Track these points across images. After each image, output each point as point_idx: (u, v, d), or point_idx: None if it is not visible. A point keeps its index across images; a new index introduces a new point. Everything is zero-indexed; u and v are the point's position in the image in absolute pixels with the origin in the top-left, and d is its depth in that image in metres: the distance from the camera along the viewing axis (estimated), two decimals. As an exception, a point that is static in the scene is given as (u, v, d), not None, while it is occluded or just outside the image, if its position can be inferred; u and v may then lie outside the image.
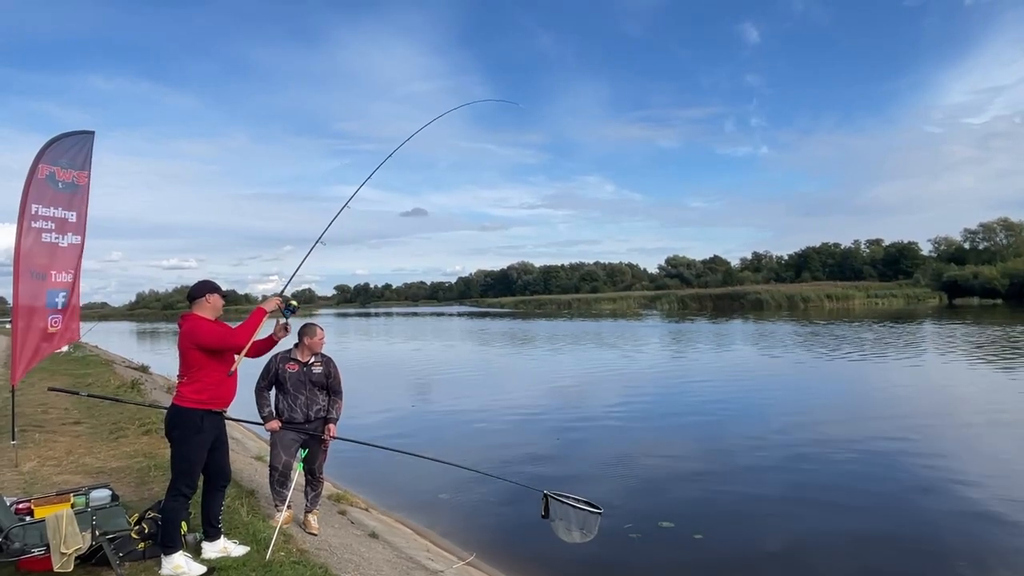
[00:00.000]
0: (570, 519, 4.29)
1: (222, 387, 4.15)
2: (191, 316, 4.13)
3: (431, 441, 10.68)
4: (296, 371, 5.03)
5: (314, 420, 5.05)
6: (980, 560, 5.65)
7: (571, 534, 4.29)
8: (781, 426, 11.17)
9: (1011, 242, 76.69)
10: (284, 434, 5.00)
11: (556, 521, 4.36)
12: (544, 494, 4.41)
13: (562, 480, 8.33)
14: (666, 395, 14.94)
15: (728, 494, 7.70)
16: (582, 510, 4.27)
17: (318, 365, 5.11)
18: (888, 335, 28.85)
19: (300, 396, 5.02)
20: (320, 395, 5.09)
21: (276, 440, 5.02)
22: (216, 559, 4.13)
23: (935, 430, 10.66)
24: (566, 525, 4.31)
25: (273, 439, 5.06)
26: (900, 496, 7.44)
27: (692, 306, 74.81)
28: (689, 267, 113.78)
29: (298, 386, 5.02)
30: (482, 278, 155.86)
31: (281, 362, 5.06)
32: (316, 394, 5.07)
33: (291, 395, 5.01)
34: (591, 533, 4.27)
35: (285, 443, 4.98)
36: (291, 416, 5.00)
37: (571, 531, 4.28)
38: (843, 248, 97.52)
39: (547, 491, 4.43)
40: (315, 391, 5.07)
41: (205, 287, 4.23)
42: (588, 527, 4.25)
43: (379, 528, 6.02)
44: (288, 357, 5.10)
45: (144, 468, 6.48)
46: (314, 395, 5.06)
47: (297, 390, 5.01)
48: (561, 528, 4.34)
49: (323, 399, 5.11)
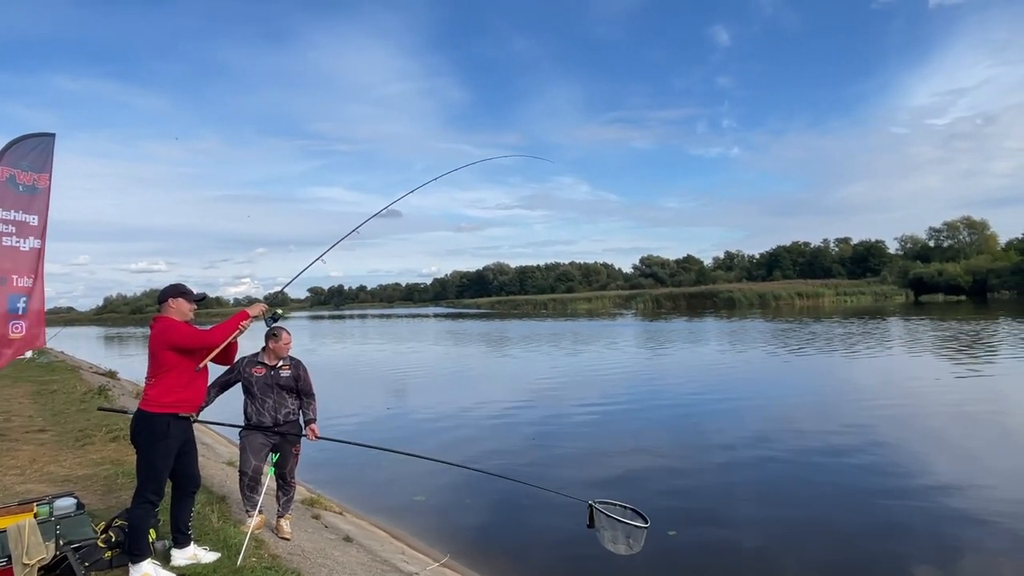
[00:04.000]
0: (616, 530, 4.23)
1: (189, 389, 4.06)
2: (163, 317, 4.06)
3: (408, 444, 10.62)
4: (263, 375, 4.97)
5: (283, 424, 4.99)
6: (945, 550, 5.81)
7: (617, 546, 4.21)
8: (753, 423, 11.35)
9: (974, 240, 78.85)
10: (253, 438, 4.93)
11: (602, 531, 4.28)
12: (589, 504, 4.34)
13: (540, 479, 8.37)
14: (640, 394, 15.06)
15: (701, 491, 7.81)
16: (628, 524, 4.20)
17: (286, 368, 5.05)
18: (856, 332, 29.46)
19: (268, 400, 4.95)
20: (289, 399, 5.03)
21: (245, 445, 4.95)
22: (186, 566, 4.07)
23: (902, 423, 10.92)
24: (612, 536, 4.24)
25: (243, 444, 4.98)
26: (869, 489, 7.59)
27: (666, 305, 75.53)
28: (663, 267, 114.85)
29: (265, 390, 4.95)
30: (458, 279, 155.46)
31: (248, 366, 5.00)
32: (284, 398, 5.01)
33: (258, 399, 4.95)
34: (638, 545, 4.19)
35: (255, 447, 4.91)
36: (259, 420, 4.93)
37: (617, 543, 4.21)
38: (813, 247, 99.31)
39: (592, 501, 4.36)
40: (283, 395, 5.00)
41: (169, 291, 4.15)
42: (635, 539, 4.18)
43: (353, 532, 5.98)
44: (255, 361, 5.03)
45: (111, 475, 6.35)
46: (282, 399, 4.99)
47: (264, 394, 4.95)
48: (607, 539, 4.26)
49: (292, 403, 5.05)
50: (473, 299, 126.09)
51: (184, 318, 4.13)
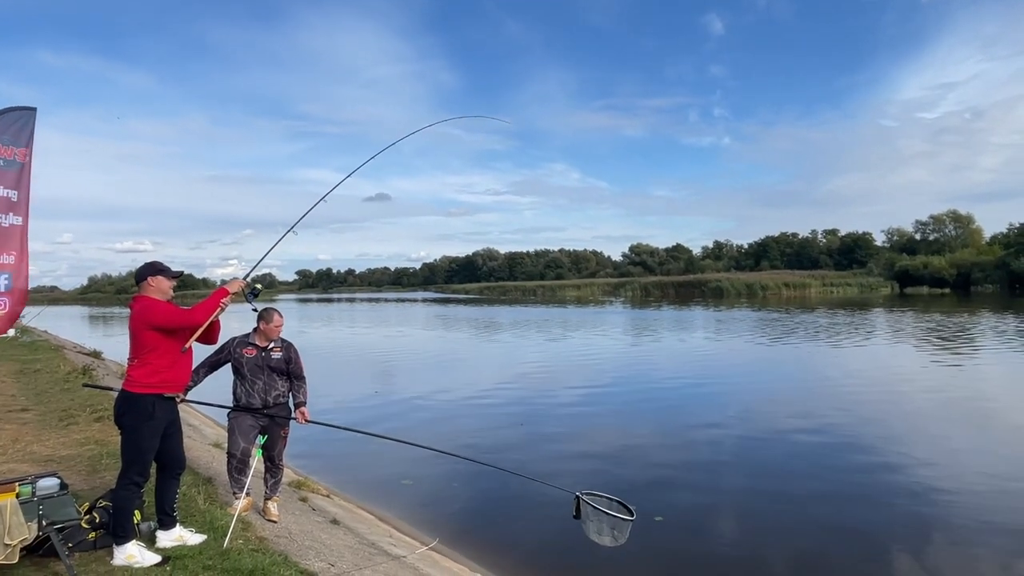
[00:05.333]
0: (602, 522, 4.20)
1: (174, 369, 4.00)
2: (143, 297, 3.99)
3: (395, 428, 10.61)
4: (254, 356, 4.93)
5: (273, 406, 4.95)
6: (923, 535, 5.91)
7: (602, 537, 4.20)
8: (738, 410, 11.44)
9: (959, 234, 79.60)
10: (242, 420, 4.89)
11: (587, 522, 4.26)
12: (576, 496, 4.31)
13: (526, 465, 8.39)
14: (628, 380, 15.13)
15: (687, 477, 7.87)
16: (614, 516, 4.18)
17: (277, 350, 5.01)
18: (841, 322, 29.72)
19: (258, 382, 4.91)
20: (279, 381, 5.00)
21: (234, 426, 4.91)
22: (172, 548, 4.03)
23: (883, 411, 11.06)
24: (597, 527, 4.22)
25: (231, 425, 4.94)
26: (850, 475, 7.71)
27: (655, 293, 75.80)
28: (652, 255, 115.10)
29: (256, 371, 4.91)
30: (447, 264, 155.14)
31: (238, 347, 4.95)
32: (275, 380, 4.97)
33: (248, 380, 4.91)
34: (623, 537, 4.17)
35: (243, 429, 4.88)
36: (248, 402, 4.90)
37: (602, 534, 4.19)
38: (801, 238, 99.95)
39: (579, 493, 4.33)
40: (273, 377, 4.96)
41: (147, 269, 4.07)
42: (620, 531, 4.16)
43: (341, 514, 5.97)
44: (245, 342, 4.98)
45: (95, 456, 6.29)
46: (272, 381, 4.96)
47: (255, 375, 4.91)
48: (592, 530, 4.24)
49: (282, 385, 5.02)
50: (462, 284, 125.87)
51: (164, 296, 4.06)
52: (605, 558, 5.41)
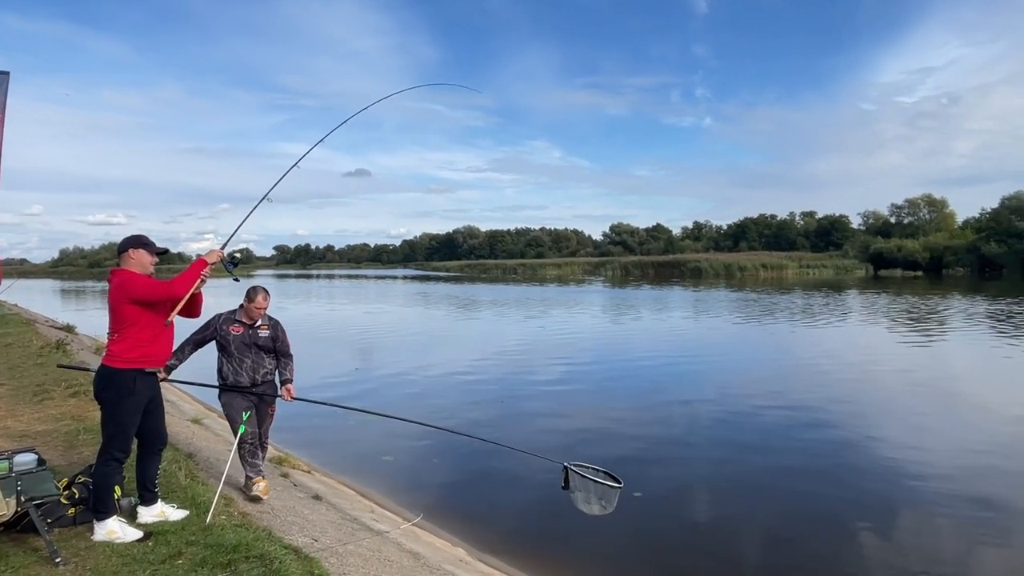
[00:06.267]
0: (590, 491, 4.24)
1: (156, 344, 3.95)
2: (121, 270, 3.92)
3: (376, 404, 10.62)
4: (241, 333, 4.87)
5: (260, 384, 4.92)
6: (890, 507, 6.12)
7: (591, 506, 4.24)
8: (715, 388, 11.63)
9: (933, 218, 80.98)
10: (235, 402, 4.86)
11: (576, 492, 4.30)
12: (564, 466, 4.34)
13: (509, 439, 8.47)
14: (607, 358, 15.27)
15: (664, 453, 8.00)
16: (602, 484, 4.22)
17: (265, 328, 4.95)
18: (816, 304, 30.21)
19: (246, 360, 4.86)
20: (267, 358, 4.95)
21: (230, 412, 4.88)
22: (153, 523, 4.01)
23: (855, 390, 11.35)
24: (585, 497, 4.26)
25: (227, 412, 4.92)
26: (821, 451, 7.93)
27: (635, 273, 76.25)
28: (632, 235, 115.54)
29: (243, 349, 4.86)
30: (427, 241, 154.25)
31: (224, 324, 4.88)
32: (263, 357, 4.93)
33: (236, 359, 4.85)
34: (611, 506, 4.23)
35: (239, 410, 4.84)
36: (236, 380, 4.85)
37: (591, 503, 4.24)
38: (779, 219, 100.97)
39: (567, 463, 4.37)
40: (261, 354, 4.92)
41: (131, 240, 3.99)
42: (608, 499, 4.21)
43: (322, 490, 5.99)
44: (231, 319, 4.91)
45: (72, 431, 6.21)
46: (260, 358, 4.91)
47: (242, 353, 4.86)
48: (580, 500, 4.28)
49: (270, 362, 4.98)
50: (442, 262, 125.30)
51: (144, 271, 3.98)
52: (587, 531, 5.52)
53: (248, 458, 4.92)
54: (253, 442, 4.90)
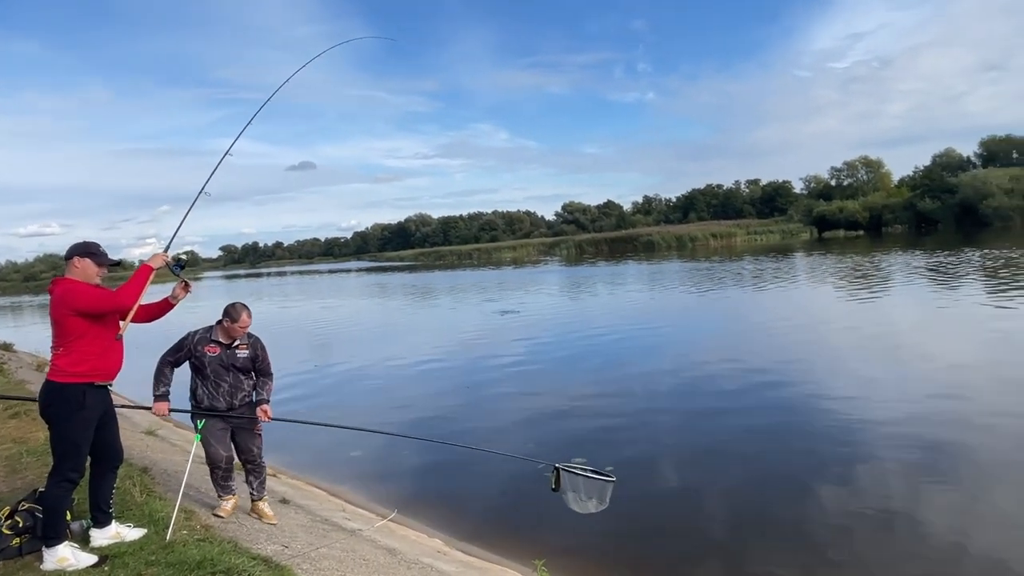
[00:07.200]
0: (580, 489, 4.13)
1: (106, 357, 3.69)
2: (64, 280, 3.65)
3: (340, 403, 10.42)
4: (217, 354, 4.50)
5: (239, 407, 4.57)
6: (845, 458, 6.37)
7: (585, 504, 4.13)
8: (673, 357, 11.80)
9: (871, 178, 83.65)
10: (211, 426, 4.51)
11: (568, 493, 4.18)
12: (555, 467, 4.20)
13: (476, 428, 8.40)
14: (567, 337, 15.30)
15: (629, 425, 8.08)
16: (595, 479, 4.11)
17: (244, 348, 4.58)
18: (766, 268, 31.00)
19: (223, 383, 4.51)
20: (245, 380, 4.61)
21: (206, 435, 4.49)
22: (109, 546, 3.78)
23: (806, 349, 11.71)
24: (577, 496, 4.14)
25: (205, 437, 4.50)
26: (777, 409, 8.22)
27: (589, 250, 76.83)
28: (584, 212, 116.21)
29: (220, 372, 4.50)
30: (379, 232, 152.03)
31: (199, 344, 4.50)
32: (241, 380, 4.57)
33: (212, 381, 4.50)
34: (605, 502, 4.13)
35: (217, 436, 4.50)
36: (213, 404, 4.50)
37: (584, 502, 4.12)
38: (725, 189, 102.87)
39: (558, 464, 4.22)
40: (239, 377, 4.56)
41: (74, 249, 3.72)
42: (602, 496, 4.11)
43: (290, 493, 5.80)
44: (207, 338, 4.53)
45: (14, 455, 5.84)
46: (238, 381, 4.56)
47: (219, 376, 4.50)
48: (573, 499, 4.16)
49: (248, 384, 4.63)
50: (396, 252, 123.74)
51: (89, 281, 3.71)
52: (560, 510, 5.49)
53: (220, 481, 4.60)
54: (228, 467, 4.56)
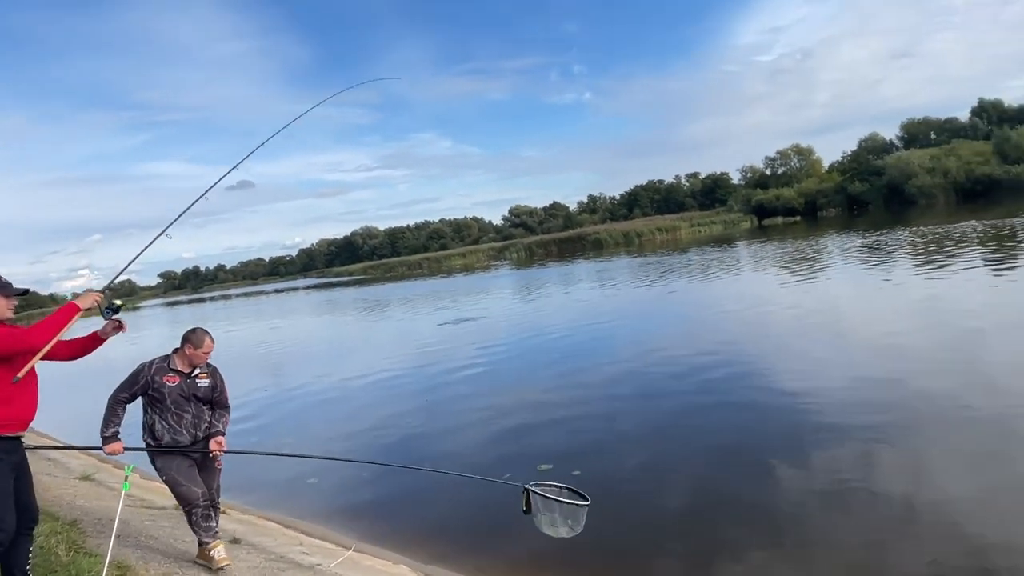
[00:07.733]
0: (555, 512, 3.86)
1: (13, 404, 3.31)
2: None
3: (295, 428, 9.97)
4: (177, 384, 4.16)
5: (202, 440, 4.24)
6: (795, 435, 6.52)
7: (557, 529, 3.86)
8: (629, 356, 11.74)
9: (803, 165, 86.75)
10: (178, 464, 4.14)
11: (539, 515, 3.90)
12: (525, 488, 3.92)
13: (437, 442, 8.14)
14: (522, 341, 15.14)
15: (591, 428, 7.95)
16: (567, 504, 3.85)
17: (204, 377, 4.27)
18: (711, 259, 31.63)
19: (185, 415, 4.16)
20: (206, 411, 4.29)
21: (174, 477, 4.11)
22: (31, 616, 3.40)
23: (754, 333, 11.96)
24: (550, 519, 3.87)
25: (170, 477, 4.12)
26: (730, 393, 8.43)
27: (539, 252, 77.12)
28: (531, 215, 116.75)
29: (181, 403, 4.15)
30: (325, 248, 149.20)
31: (157, 374, 4.15)
32: (202, 410, 4.26)
33: (173, 414, 4.14)
34: (579, 526, 3.85)
35: (187, 474, 4.14)
36: (175, 439, 4.14)
37: (557, 526, 3.85)
38: (667, 184, 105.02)
39: (528, 485, 3.94)
40: (201, 407, 4.24)
41: None
42: (576, 520, 3.84)
43: (241, 530, 5.43)
44: (164, 368, 4.18)
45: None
46: (200, 411, 4.24)
47: (180, 408, 4.15)
48: (545, 523, 3.89)
49: (209, 414, 4.31)
50: (344, 267, 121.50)
51: (2, 316, 3.35)
52: (528, 524, 5.31)
53: (201, 522, 4.21)
54: (207, 504, 4.19)
